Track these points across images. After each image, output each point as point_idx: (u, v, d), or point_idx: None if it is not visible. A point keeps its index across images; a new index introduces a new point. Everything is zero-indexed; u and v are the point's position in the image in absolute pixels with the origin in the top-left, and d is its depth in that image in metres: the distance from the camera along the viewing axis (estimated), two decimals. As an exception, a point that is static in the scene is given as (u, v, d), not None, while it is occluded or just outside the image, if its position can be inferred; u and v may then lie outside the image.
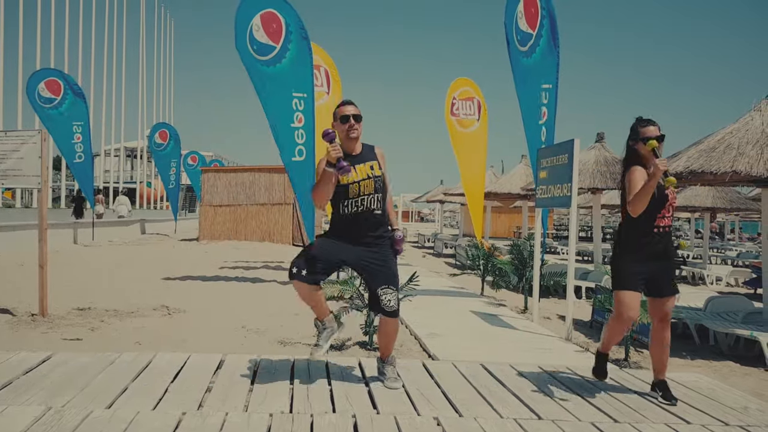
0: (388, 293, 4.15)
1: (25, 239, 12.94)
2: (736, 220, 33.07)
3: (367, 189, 4.08)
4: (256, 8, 10.10)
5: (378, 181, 4.12)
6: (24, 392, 3.83)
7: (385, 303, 4.14)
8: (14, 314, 6.96)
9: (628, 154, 4.39)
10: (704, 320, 7.49)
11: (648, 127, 4.21)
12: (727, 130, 7.74)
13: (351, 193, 4.07)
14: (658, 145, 4.14)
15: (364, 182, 4.08)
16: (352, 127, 4.13)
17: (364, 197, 4.08)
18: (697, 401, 4.44)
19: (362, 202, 4.08)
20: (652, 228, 4.26)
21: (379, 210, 4.14)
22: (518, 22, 8.63)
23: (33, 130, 7.09)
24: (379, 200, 4.13)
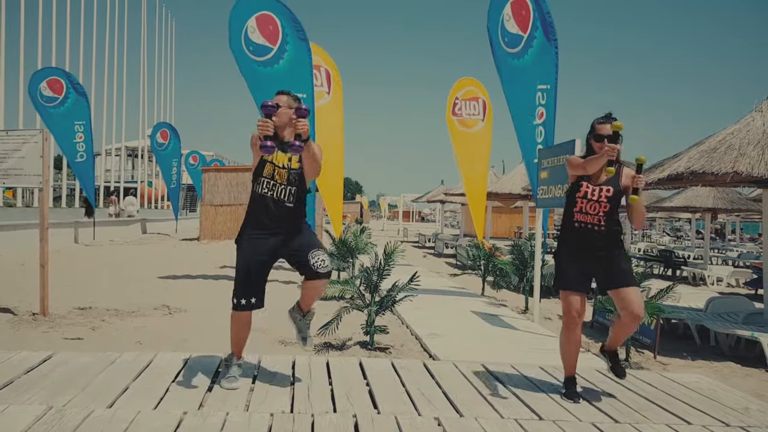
0: (320, 254, 4.10)
1: (26, 239, 12.96)
2: (737, 220, 33.02)
3: (280, 178, 4.05)
4: (251, 10, 10.14)
5: (293, 173, 4.06)
6: (25, 391, 3.83)
7: (318, 264, 4.07)
8: (15, 313, 6.97)
9: (586, 149, 4.38)
10: (705, 321, 7.49)
11: (605, 125, 4.18)
12: (728, 130, 7.74)
13: (265, 172, 4.05)
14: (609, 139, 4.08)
15: (278, 170, 4.05)
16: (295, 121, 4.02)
17: (275, 183, 4.05)
18: (698, 402, 4.43)
19: (273, 188, 4.04)
20: (572, 221, 4.25)
21: (291, 203, 4.09)
22: (505, 25, 8.62)
23: (34, 129, 7.09)
24: (291, 193, 4.07)
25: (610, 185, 4.21)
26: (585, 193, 4.21)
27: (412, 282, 6.16)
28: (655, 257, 18.53)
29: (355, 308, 6.11)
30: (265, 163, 4.05)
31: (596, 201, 4.19)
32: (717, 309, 7.94)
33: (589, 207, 4.20)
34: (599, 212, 4.18)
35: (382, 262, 6.18)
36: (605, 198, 4.19)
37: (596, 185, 4.21)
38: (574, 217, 4.23)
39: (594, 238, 4.20)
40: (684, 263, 16.86)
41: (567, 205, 4.34)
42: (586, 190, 4.21)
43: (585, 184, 4.22)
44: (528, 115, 8.55)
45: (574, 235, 4.25)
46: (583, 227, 4.21)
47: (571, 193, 4.30)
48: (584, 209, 4.20)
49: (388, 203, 56.51)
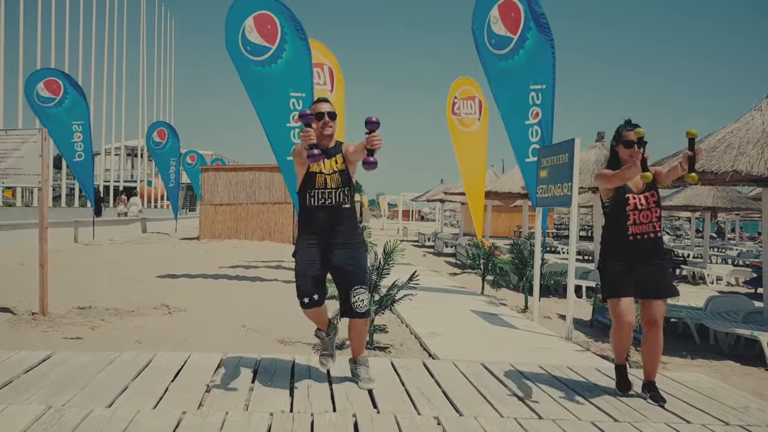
0: (360, 293, 4.12)
1: (25, 238, 12.96)
2: (736, 219, 33.05)
3: (334, 183, 4.09)
4: (249, 10, 10.14)
5: (343, 174, 4.11)
6: (24, 391, 3.83)
7: (357, 304, 4.12)
8: (15, 313, 6.96)
9: (610, 157, 4.42)
10: (705, 320, 7.49)
11: (630, 132, 4.20)
12: (727, 129, 7.74)
13: (318, 184, 4.09)
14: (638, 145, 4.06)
15: (331, 176, 4.09)
16: (326, 125, 4.13)
17: (331, 190, 4.08)
18: (698, 401, 4.43)
19: (329, 195, 4.08)
20: (626, 235, 4.25)
21: (347, 204, 4.14)
22: (492, 27, 8.64)
23: (33, 129, 7.09)
24: (346, 194, 4.12)
25: (652, 189, 4.27)
26: (635, 205, 4.23)
27: (411, 281, 6.16)
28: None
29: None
30: (314, 175, 4.09)
31: (647, 209, 4.23)
32: (716, 308, 7.94)
33: (643, 217, 4.23)
34: (652, 219, 4.24)
35: (382, 261, 6.17)
36: (653, 203, 4.25)
37: (640, 193, 4.25)
38: (629, 230, 4.22)
39: (651, 246, 4.25)
40: (684, 262, 16.87)
41: (614, 219, 4.31)
42: (635, 202, 4.23)
43: (631, 196, 4.23)
44: (520, 115, 8.56)
45: (630, 248, 4.24)
46: (640, 238, 4.23)
47: (618, 207, 4.27)
48: (638, 220, 4.23)
49: (387, 202, 56.50)
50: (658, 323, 4.28)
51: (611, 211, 4.35)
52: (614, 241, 4.34)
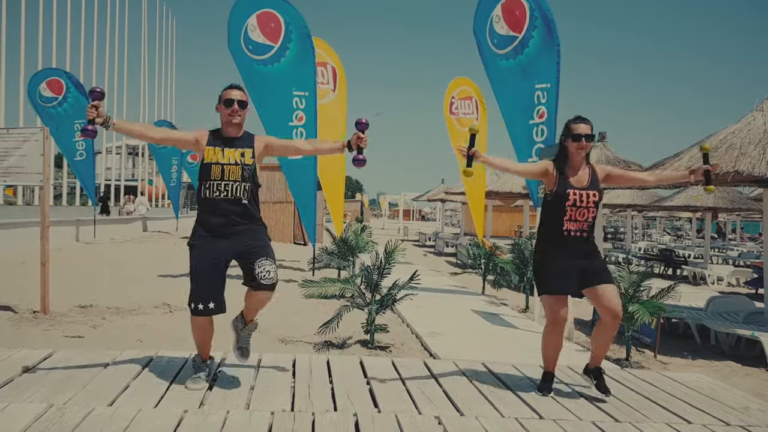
0: (266, 264, 3.97)
1: (26, 237, 12.97)
2: (737, 220, 33.03)
3: (233, 175, 3.94)
4: (252, 9, 10.14)
5: (247, 169, 3.96)
6: (25, 389, 3.83)
7: (262, 274, 3.96)
8: (16, 311, 6.97)
9: (559, 150, 4.30)
10: (705, 320, 7.49)
11: (580, 125, 4.14)
12: (729, 130, 7.74)
13: (213, 175, 3.93)
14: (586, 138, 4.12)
15: (229, 167, 3.93)
16: (235, 113, 4.00)
17: (228, 183, 3.93)
18: (699, 401, 4.43)
19: (225, 188, 3.93)
20: (561, 231, 4.14)
21: (246, 200, 3.98)
22: (494, 26, 8.62)
23: (35, 127, 7.09)
24: (246, 189, 3.97)
25: (595, 189, 4.16)
26: (574, 201, 4.11)
27: (412, 281, 6.16)
28: (655, 256, 18.55)
29: (355, 307, 6.10)
30: (210, 165, 3.94)
31: (585, 207, 4.12)
32: (717, 308, 7.95)
33: (579, 214, 4.12)
34: (588, 218, 4.14)
35: (383, 261, 6.18)
36: (593, 203, 4.14)
37: (583, 190, 4.14)
38: (564, 226, 4.12)
39: (582, 244, 4.16)
40: (684, 262, 16.86)
41: (550, 213, 4.20)
42: (575, 198, 4.11)
43: (572, 192, 4.12)
44: (523, 115, 8.54)
45: (562, 243, 4.15)
46: (572, 235, 4.13)
47: (557, 200, 4.14)
48: (574, 217, 4.12)
49: (388, 202, 56.50)
50: (619, 313, 4.14)
51: (549, 203, 4.22)
52: (548, 235, 4.23)
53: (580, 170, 4.21)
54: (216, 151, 3.97)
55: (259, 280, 3.97)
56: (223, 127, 4.06)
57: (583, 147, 4.13)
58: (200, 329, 4.13)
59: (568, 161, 4.21)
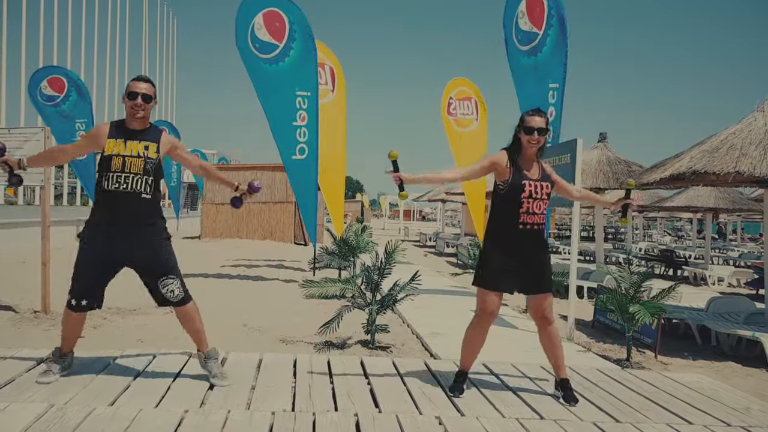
0: (169, 283, 3.95)
1: (27, 236, 12.97)
2: (738, 220, 33.00)
3: (134, 167, 3.85)
4: (258, 7, 10.15)
5: (150, 162, 3.88)
6: (26, 389, 3.83)
7: (167, 294, 3.96)
8: (17, 311, 6.97)
9: (512, 141, 4.22)
10: (706, 321, 7.49)
11: (534, 117, 4.08)
12: (730, 130, 7.73)
13: (114, 166, 3.84)
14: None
15: (131, 159, 3.84)
16: (138, 107, 3.92)
17: (129, 175, 3.83)
18: (699, 402, 4.43)
19: (125, 180, 3.83)
20: (516, 224, 4.04)
21: (148, 194, 3.90)
22: (518, 22, 8.60)
23: (36, 127, 7.10)
24: (148, 183, 3.88)
25: (547, 181, 4.12)
26: (530, 193, 4.03)
27: (413, 281, 6.16)
28: (656, 257, 18.54)
29: (356, 307, 6.10)
30: (110, 157, 3.84)
31: (540, 199, 4.06)
32: (718, 309, 7.94)
33: (535, 206, 4.05)
34: (543, 210, 4.10)
35: (383, 261, 6.17)
36: (546, 195, 4.10)
37: (536, 181, 4.07)
38: (521, 218, 4.03)
39: (536, 237, 4.10)
40: (685, 263, 16.85)
41: (504, 205, 4.10)
42: (530, 189, 4.04)
43: (527, 183, 4.03)
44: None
45: (516, 237, 4.06)
46: (528, 228, 4.06)
47: (512, 192, 4.04)
48: (531, 209, 4.05)
49: (389, 202, 56.48)
50: (549, 319, 4.15)
51: (503, 196, 4.10)
52: (501, 228, 4.13)
53: (533, 162, 4.15)
54: (118, 143, 3.89)
55: (167, 300, 3.96)
56: (127, 119, 3.98)
57: (536, 140, 4.07)
58: (72, 323, 4.09)
59: (521, 153, 4.15)
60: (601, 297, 7.17)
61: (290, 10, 10.28)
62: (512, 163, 4.10)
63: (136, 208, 3.89)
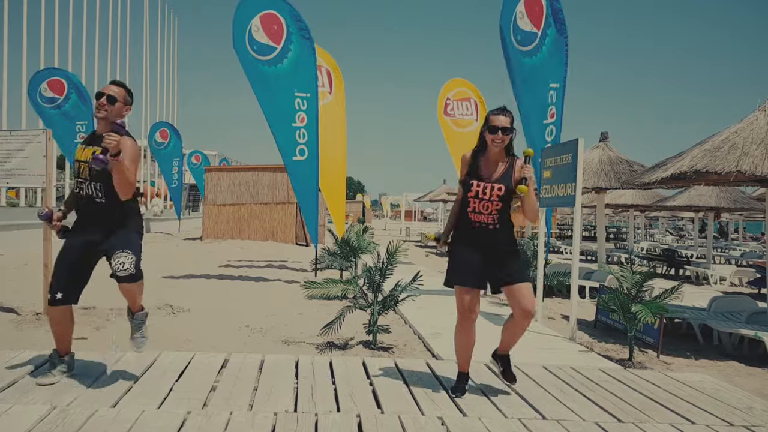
0: (121, 256, 3.80)
1: (29, 238, 12.98)
2: (740, 219, 32.98)
3: (84, 173, 3.88)
4: (256, 10, 10.19)
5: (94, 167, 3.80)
6: (29, 391, 3.83)
7: (117, 267, 3.79)
8: (19, 313, 6.97)
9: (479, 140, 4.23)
10: (708, 320, 7.48)
11: (498, 117, 4.08)
12: (731, 129, 7.72)
13: (75, 172, 3.90)
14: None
15: (83, 165, 3.86)
16: (101, 106, 3.90)
17: (82, 181, 3.89)
18: (702, 401, 4.43)
19: (80, 186, 3.90)
20: (467, 222, 4.12)
21: (101, 199, 3.88)
22: (518, 23, 8.58)
23: (38, 129, 7.11)
24: (97, 189, 3.87)
25: (501, 183, 4.09)
26: (476, 193, 4.06)
27: (414, 281, 6.15)
28: (658, 256, 18.52)
29: (357, 308, 6.10)
30: (75, 162, 3.93)
31: (488, 200, 4.06)
32: (720, 308, 7.93)
33: (482, 206, 4.07)
34: (492, 211, 4.08)
35: (385, 262, 6.17)
36: (497, 197, 4.08)
37: (488, 182, 4.08)
38: (469, 216, 4.10)
39: (489, 236, 4.10)
40: (687, 262, 16.83)
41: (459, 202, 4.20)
42: (477, 189, 4.07)
43: (475, 183, 4.07)
44: (540, 115, 8.50)
45: (470, 234, 4.12)
46: (477, 227, 4.09)
47: (463, 190, 4.15)
48: (477, 209, 4.08)
49: (390, 203, 56.48)
50: (531, 312, 4.14)
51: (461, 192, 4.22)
52: (460, 225, 4.20)
53: (499, 162, 4.13)
54: (82, 148, 3.94)
55: (115, 273, 3.85)
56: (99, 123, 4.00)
57: (500, 140, 4.05)
58: (56, 321, 4.08)
59: (485, 153, 4.16)
60: (603, 297, 7.17)
61: (288, 12, 10.30)
62: (473, 161, 4.16)
63: (94, 212, 3.95)
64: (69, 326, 4.15)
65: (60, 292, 3.95)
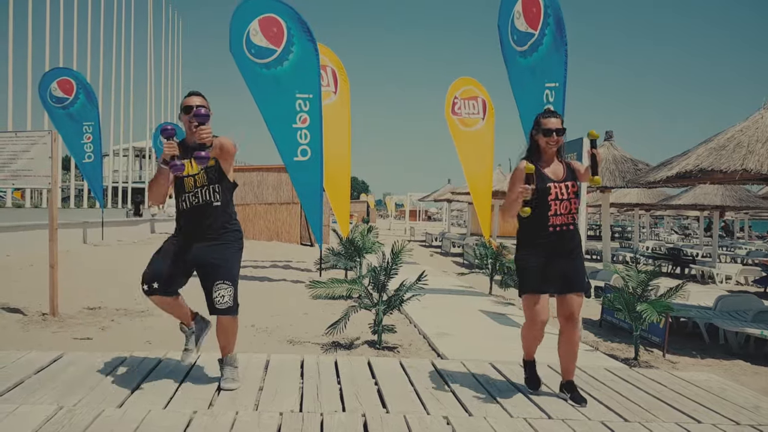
0: (222, 288, 4.00)
1: (34, 239, 13.02)
2: (745, 218, 32.88)
3: (201, 181, 3.99)
4: (254, 14, 10.21)
5: (210, 171, 3.98)
6: (35, 391, 3.85)
7: (217, 300, 3.99)
8: (25, 314, 7.00)
9: (530, 146, 4.25)
10: (714, 319, 7.46)
11: (550, 119, 4.10)
12: (737, 128, 7.70)
13: (187, 187, 4.00)
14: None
15: (198, 175, 3.98)
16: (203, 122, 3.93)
17: (198, 189, 3.99)
18: (708, 400, 4.42)
19: (197, 195, 3.99)
20: (547, 226, 4.04)
21: (218, 201, 4.02)
22: (515, 22, 8.60)
23: (43, 130, 7.14)
24: (215, 191, 4.01)
25: (572, 180, 4.10)
26: (556, 194, 4.04)
27: (419, 281, 6.15)
28: (663, 255, 18.49)
29: (362, 307, 6.11)
30: (182, 180, 4.00)
31: (567, 199, 4.05)
32: (726, 307, 7.91)
33: (563, 207, 4.05)
34: (571, 210, 4.07)
35: (390, 262, 6.18)
36: (573, 194, 4.08)
37: (561, 182, 4.06)
38: (550, 221, 4.03)
39: (569, 238, 4.08)
40: (692, 261, 16.79)
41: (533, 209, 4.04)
42: (556, 191, 4.04)
43: (553, 185, 4.04)
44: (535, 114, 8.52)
45: (549, 239, 4.05)
46: (559, 230, 4.05)
47: (539, 196, 4.02)
48: (559, 211, 4.04)
49: (394, 202, 56.52)
50: (575, 318, 4.13)
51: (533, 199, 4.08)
52: (533, 232, 4.11)
53: (553, 164, 4.15)
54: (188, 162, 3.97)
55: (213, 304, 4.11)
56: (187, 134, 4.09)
57: (555, 141, 4.08)
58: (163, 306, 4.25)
59: (541, 156, 4.16)
60: (608, 296, 7.15)
61: (288, 15, 10.31)
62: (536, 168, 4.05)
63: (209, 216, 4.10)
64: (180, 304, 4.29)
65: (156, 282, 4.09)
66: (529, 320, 4.13)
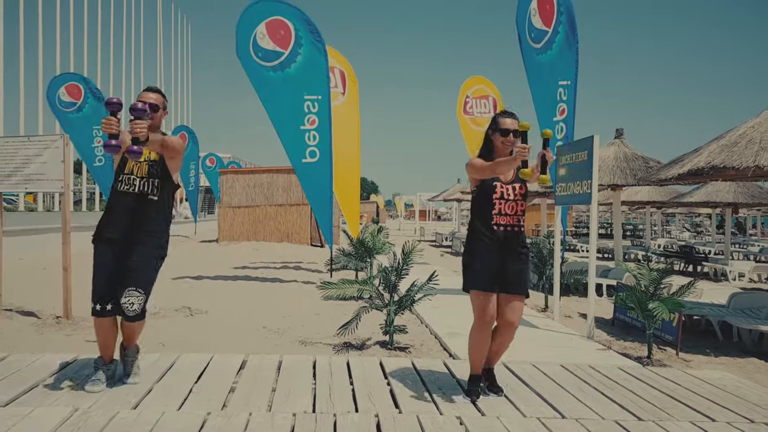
0: (132, 296, 3.87)
1: (47, 242, 13.12)
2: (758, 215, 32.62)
3: (141, 171, 3.92)
4: (261, 17, 10.25)
5: (153, 166, 3.92)
6: (50, 394, 3.88)
7: (126, 306, 3.87)
8: (39, 317, 7.05)
9: (484, 143, 4.23)
10: (728, 317, 7.41)
11: (507, 119, 4.08)
12: (748, 124, 7.65)
13: (126, 169, 3.93)
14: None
15: (138, 164, 3.91)
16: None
17: (134, 177, 3.91)
18: (723, 399, 4.39)
19: (133, 183, 3.91)
20: (491, 225, 4.05)
21: (154, 196, 3.95)
22: (531, 19, 8.62)
23: (55, 135, 7.19)
24: (154, 185, 3.94)
25: (521, 182, 4.10)
26: (501, 194, 4.06)
27: (430, 281, 6.14)
28: (675, 253, 18.36)
29: (374, 308, 6.11)
30: (126, 160, 3.92)
31: (513, 200, 4.07)
32: (739, 304, 7.86)
33: (508, 207, 4.06)
34: (517, 211, 4.08)
35: (401, 262, 6.17)
36: (520, 196, 4.09)
37: (508, 184, 4.09)
38: (494, 220, 4.04)
39: (515, 239, 4.08)
40: (705, 259, 16.68)
41: (478, 207, 4.13)
42: (501, 191, 4.06)
43: (499, 185, 4.07)
44: (549, 112, 8.51)
45: (493, 238, 4.04)
46: (503, 229, 4.05)
47: (484, 194, 4.09)
48: (503, 210, 4.05)
49: (404, 202, 56.48)
50: (515, 324, 4.14)
51: (476, 198, 4.16)
52: (478, 230, 4.12)
53: None
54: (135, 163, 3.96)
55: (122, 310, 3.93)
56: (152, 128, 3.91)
57: (511, 142, 4.06)
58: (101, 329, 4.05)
59: (494, 155, 4.14)
60: (620, 294, 7.12)
61: (296, 17, 10.34)
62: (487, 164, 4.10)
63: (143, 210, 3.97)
64: (111, 333, 4.12)
65: (110, 303, 3.93)
66: (479, 318, 4.11)
